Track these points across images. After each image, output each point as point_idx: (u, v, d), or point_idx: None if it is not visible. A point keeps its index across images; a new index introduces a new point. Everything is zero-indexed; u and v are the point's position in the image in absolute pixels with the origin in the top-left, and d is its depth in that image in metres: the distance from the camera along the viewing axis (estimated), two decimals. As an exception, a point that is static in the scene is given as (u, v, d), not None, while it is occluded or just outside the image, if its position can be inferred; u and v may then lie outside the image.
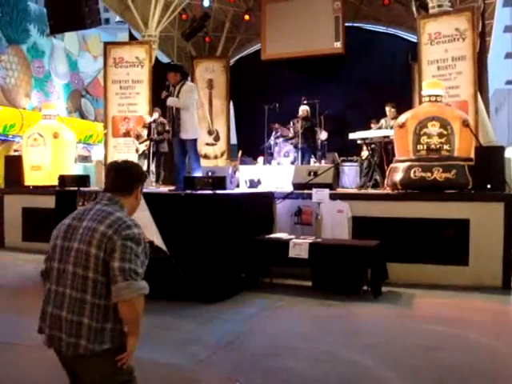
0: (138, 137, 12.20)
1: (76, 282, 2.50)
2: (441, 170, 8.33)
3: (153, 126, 11.79)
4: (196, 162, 9.06)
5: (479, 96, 10.78)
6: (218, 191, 7.61)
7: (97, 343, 2.48)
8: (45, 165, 12.15)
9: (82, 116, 23.47)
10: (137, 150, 12.21)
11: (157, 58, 14.84)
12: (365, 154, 12.46)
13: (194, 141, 8.99)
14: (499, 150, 8.80)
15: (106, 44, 14.20)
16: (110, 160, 13.20)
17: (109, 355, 2.51)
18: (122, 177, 2.80)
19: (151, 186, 10.43)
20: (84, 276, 2.50)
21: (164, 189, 9.79)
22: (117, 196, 2.74)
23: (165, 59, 16.63)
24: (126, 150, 13.39)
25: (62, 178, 10.02)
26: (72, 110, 23.04)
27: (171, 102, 8.82)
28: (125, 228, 2.55)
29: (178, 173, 9.09)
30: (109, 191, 2.76)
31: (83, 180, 9.93)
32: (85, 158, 21.63)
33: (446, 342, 5.51)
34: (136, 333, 2.58)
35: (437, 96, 9.10)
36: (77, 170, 14.53)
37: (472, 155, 8.69)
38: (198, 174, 8.79)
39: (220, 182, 7.89)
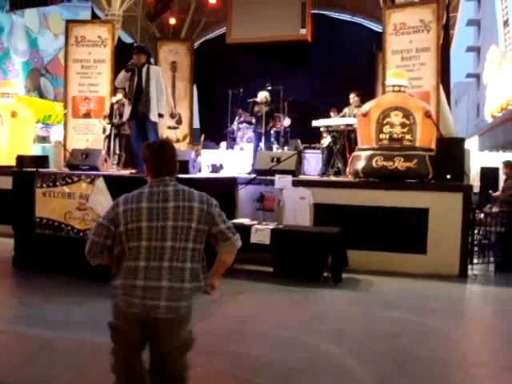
0: (105, 117, 11.93)
1: (176, 255, 2.88)
2: (402, 159, 8.43)
3: (115, 107, 11.58)
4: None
5: (441, 88, 10.91)
6: (180, 175, 7.51)
7: (190, 300, 2.95)
8: (2, 144, 11.78)
9: (41, 95, 22.90)
10: (104, 130, 11.95)
11: (120, 38, 14.53)
12: (325, 141, 12.48)
13: (156, 124, 8.79)
14: (460, 142, 8.95)
15: (68, 22, 13.84)
16: (69, 141, 12.93)
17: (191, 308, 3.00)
18: (172, 160, 3.09)
19: (112, 169, 10.27)
20: (184, 248, 2.89)
21: (125, 172, 9.64)
22: (172, 177, 3.06)
23: (128, 39, 16.32)
24: (86, 131, 13.12)
25: (19, 159, 9.76)
26: (31, 88, 22.45)
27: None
28: (210, 198, 3.03)
29: (137, 155, 8.87)
30: (166, 175, 3.02)
31: (42, 161, 9.71)
32: (43, 139, 21.13)
33: (404, 328, 5.61)
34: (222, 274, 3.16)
35: (400, 86, 9.19)
36: (35, 150, 14.18)
37: (433, 146, 8.82)
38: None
39: (182, 166, 7.77)
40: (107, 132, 11.85)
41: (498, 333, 5.85)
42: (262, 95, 12.04)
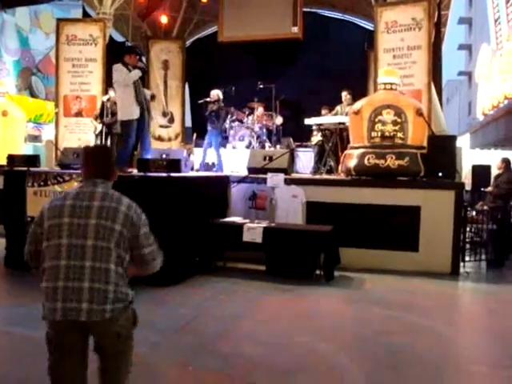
0: (96, 117, 11.90)
1: (99, 254, 2.74)
2: (394, 157, 8.44)
3: (106, 105, 11.53)
4: (150, 144, 9.04)
5: (433, 86, 10.93)
6: (173, 174, 7.51)
7: (117, 304, 2.77)
8: (-8, 143, 11.75)
9: (33, 94, 22.80)
10: (95, 130, 11.93)
11: (111, 37, 14.51)
12: (315, 139, 12.49)
13: None
14: (452, 139, 8.97)
15: (59, 20, 13.75)
16: (61, 140, 12.90)
17: (124, 310, 2.83)
18: (105, 164, 3.02)
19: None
20: (107, 248, 2.75)
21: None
22: (105, 181, 2.96)
23: (119, 38, 16.28)
24: (78, 130, 13.08)
25: (10, 158, 9.68)
26: (22, 87, 22.35)
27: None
28: (138, 210, 2.91)
29: (133, 154, 9.09)
30: (96, 177, 2.94)
31: (33, 160, 9.62)
32: (35, 138, 21.04)
33: (397, 326, 5.61)
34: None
35: (392, 84, 9.19)
36: (26, 149, 14.12)
37: (425, 143, 8.83)
38: (150, 156, 8.66)
39: (175, 164, 7.78)
40: (97, 131, 11.81)
41: (490, 330, 5.86)
42: (214, 93, 11.92)
